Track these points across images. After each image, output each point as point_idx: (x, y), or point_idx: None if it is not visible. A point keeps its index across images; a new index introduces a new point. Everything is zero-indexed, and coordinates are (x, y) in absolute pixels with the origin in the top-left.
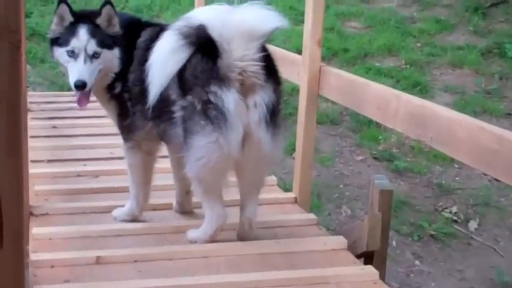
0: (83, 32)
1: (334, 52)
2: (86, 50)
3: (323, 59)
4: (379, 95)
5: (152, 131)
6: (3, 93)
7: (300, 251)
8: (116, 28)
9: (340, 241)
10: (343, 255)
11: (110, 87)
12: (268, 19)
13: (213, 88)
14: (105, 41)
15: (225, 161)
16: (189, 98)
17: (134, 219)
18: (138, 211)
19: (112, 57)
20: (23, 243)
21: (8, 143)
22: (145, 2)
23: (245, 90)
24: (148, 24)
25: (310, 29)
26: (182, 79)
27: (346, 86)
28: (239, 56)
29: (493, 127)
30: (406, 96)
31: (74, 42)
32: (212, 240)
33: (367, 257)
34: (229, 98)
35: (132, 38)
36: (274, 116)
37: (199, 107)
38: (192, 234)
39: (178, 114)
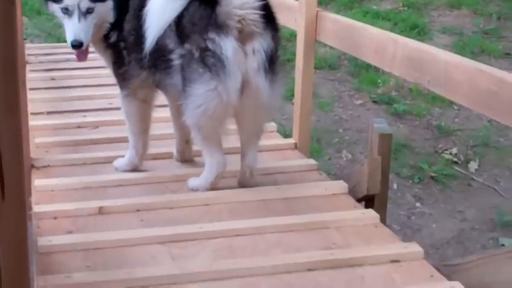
0: None
1: None
2: (79, 7)
3: (320, 3)
4: (376, 39)
5: (148, 79)
6: None
7: (301, 196)
8: None
9: (340, 186)
10: (344, 200)
11: (106, 37)
12: None
13: (211, 35)
14: None
15: (223, 108)
16: (187, 45)
17: (135, 169)
18: (138, 160)
19: (106, 9)
20: (24, 196)
21: (5, 98)
22: None
23: (243, 37)
24: None
25: None
26: (180, 27)
27: (343, 30)
28: (239, 3)
29: (492, 69)
30: (403, 39)
31: None
32: (213, 187)
33: (368, 201)
34: (228, 45)
35: None
36: (273, 63)
37: (197, 54)
38: (192, 182)
39: (176, 62)
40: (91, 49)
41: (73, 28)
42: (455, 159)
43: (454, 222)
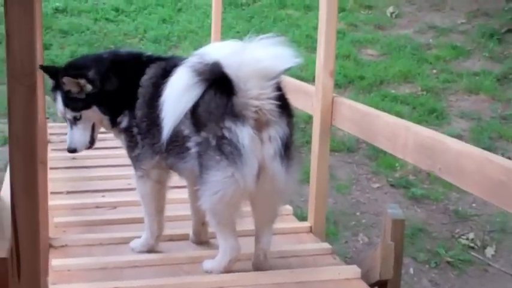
0: (59, 101)
1: (351, 79)
2: (67, 118)
3: (339, 86)
4: (390, 127)
5: (161, 162)
6: (19, 134)
7: (314, 280)
8: (88, 88)
9: (353, 270)
10: (356, 284)
11: (116, 124)
12: (284, 58)
13: (228, 124)
14: (79, 105)
15: (240, 195)
16: (203, 134)
17: (151, 250)
18: (153, 241)
19: (93, 113)
20: (39, 278)
21: (24, 180)
22: (163, 33)
23: (259, 125)
24: (151, 60)
25: (323, 60)
26: (195, 115)
27: (359, 117)
28: (255, 94)
29: (501, 159)
30: (415, 127)
31: (58, 110)
32: (227, 270)
33: (381, 286)
34: (244, 133)
35: (136, 76)
36: (288, 148)
37: (213, 142)
38: (207, 264)
39: (192, 149)
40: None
41: (68, 135)
42: (472, 245)
43: None
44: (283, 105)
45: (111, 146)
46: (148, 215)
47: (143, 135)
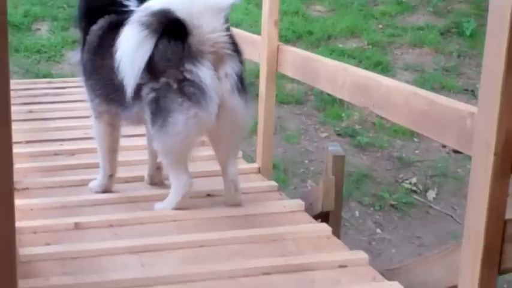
0: None
1: (299, 35)
2: None
3: (288, 41)
4: (329, 69)
5: (108, 109)
6: None
7: (261, 213)
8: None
9: (297, 203)
10: (301, 216)
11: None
12: None
13: (188, 66)
14: None
15: (200, 133)
16: (163, 79)
17: (106, 190)
18: (107, 180)
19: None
20: (12, 196)
21: None
22: None
23: (215, 62)
24: (108, 11)
25: (268, 10)
26: (151, 64)
27: (301, 62)
28: (210, 28)
29: (424, 91)
30: (352, 68)
31: None
32: (180, 207)
33: (323, 218)
34: (205, 73)
35: (90, 23)
36: (242, 83)
37: (175, 86)
38: (158, 206)
39: (148, 95)
40: (64, 84)
41: None
42: (414, 189)
43: (412, 247)
44: (234, 43)
45: (68, 99)
46: (101, 155)
47: (86, 78)
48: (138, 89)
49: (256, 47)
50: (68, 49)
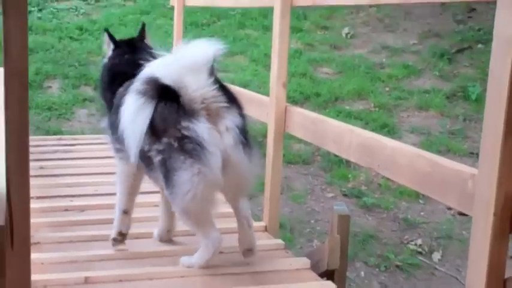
0: None
1: (307, 96)
2: None
3: (296, 102)
4: (336, 130)
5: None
6: (14, 118)
7: (268, 270)
8: (109, 53)
9: (303, 262)
10: (307, 274)
11: None
12: (206, 47)
13: (184, 123)
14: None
15: (210, 189)
16: (165, 140)
17: (119, 229)
18: (120, 214)
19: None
20: (29, 247)
21: (17, 162)
22: None
23: (213, 117)
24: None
25: (276, 72)
26: (153, 127)
27: (309, 123)
28: (195, 87)
29: (428, 153)
30: (358, 130)
31: None
32: (208, 264)
33: (329, 276)
34: (201, 128)
35: (117, 87)
36: (246, 136)
37: (176, 144)
38: (186, 260)
39: (156, 159)
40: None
41: None
42: (419, 250)
43: None
44: (230, 96)
45: (78, 156)
46: (119, 193)
47: (114, 132)
48: (148, 153)
49: (265, 107)
50: (78, 107)
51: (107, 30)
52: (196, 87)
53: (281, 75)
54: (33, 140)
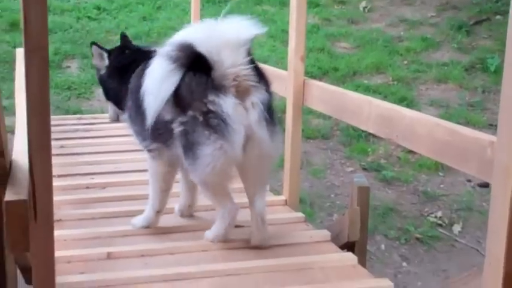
0: None
1: (325, 71)
2: None
3: (315, 77)
4: (354, 102)
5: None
6: (35, 100)
7: (289, 243)
8: (106, 62)
9: (324, 234)
10: (327, 246)
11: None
12: (247, 27)
13: (211, 97)
14: (99, 80)
15: (229, 164)
16: (190, 112)
17: (150, 224)
18: (154, 215)
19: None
20: (52, 220)
21: (38, 138)
22: (144, 30)
23: (241, 94)
24: (144, 60)
25: (294, 46)
26: (178, 98)
27: (327, 96)
28: (230, 63)
29: (446, 122)
30: (376, 101)
31: None
32: (228, 234)
33: (349, 247)
34: (227, 103)
35: (129, 77)
36: (271, 114)
37: (201, 118)
38: (209, 234)
39: (177, 130)
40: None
41: None
42: (440, 222)
43: (437, 281)
44: (259, 74)
45: (98, 135)
46: (152, 191)
47: (134, 124)
48: (171, 124)
49: (283, 81)
50: (97, 86)
51: (94, 43)
52: (232, 64)
53: (299, 49)
54: (54, 119)
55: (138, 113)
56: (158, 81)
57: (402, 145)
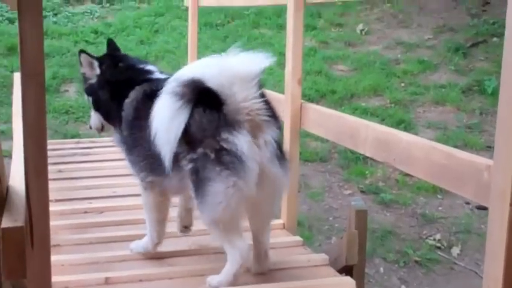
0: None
1: (323, 94)
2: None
3: (312, 100)
4: (351, 125)
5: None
6: (31, 124)
7: (287, 267)
8: (97, 71)
9: (322, 258)
10: (325, 270)
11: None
12: (257, 59)
13: (224, 135)
14: (87, 91)
15: (242, 202)
16: (200, 150)
17: (148, 254)
18: (152, 247)
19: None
20: (49, 247)
21: (36, 164)
22: (141, 53)
23: (253, 130)
24: (138, 82)
25: (291, 70)
26: (188, 135)
27: (324, 119)
28: (243, 97)
29: (443, 146)
30: (373, 125)
31: None
32: (237, 279)
33: (347, 272)
34: (242, 141)
35: (123, 96)
36: (281, 150)
37: (212, 156)
38: (215, 279)
39: (187, 167)
40: (91, 144)
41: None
42: (438, 245)
43: None
44: (270, 109)
45: (96, 159)
46: (149, 224)
47: (129, 153)
48: (177, 158)
49: (280, 105)
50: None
51: (82, 50)
52: (245, 97)
53: (296, 72)
54: (51, 143)
55: (136, 144)
56: (168, 119)
57: (399, 169)
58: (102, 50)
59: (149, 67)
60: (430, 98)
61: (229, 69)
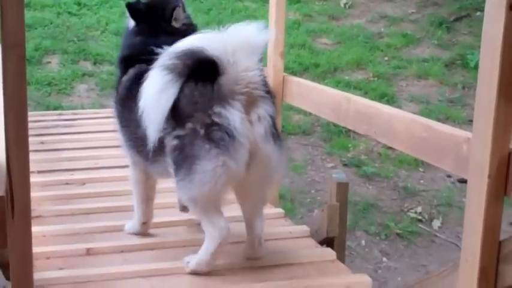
0: None
1: (306, 67)
2: None
3: (295, 73)
4: (333, 98)
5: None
6: (11, 96)
7: (268, 238)
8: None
9: (303, 229)
10: (306, 242)
11: None
12: (263, 30)
13: (217, 109)
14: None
15: (230, 182)
16: (189, 125)
17: (139, 234)
18: (139, 226)
19: None
20: (30, 218)
21: (15, 134)
22: (123, 26)
23: (247, 105)
24: (139, 60)
25: (273, 42)
26: (176, 110)
27: (306, 92)
28: (245, 66)
29: (423, 119)
30: (354, 97)
31: None
32: (217, 255)
33: (328, 243)
34: (235, 116)
35: (123, 72)
36: (276, 127)
37: (202, 132)
38: (192, 261)
39: (170, 143)
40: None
41: None
42: (419, 218)
43: (417, 275)
44: (267, 84)
45: (78, 131)
46: (135, 201)
47: (120, 129)
48: (161, 141)
49: None
50: (78, 82)
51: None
52: (247, 68)
53: (278, 45)
54: (34, 115)
55: (126, 124)
56: (156, 93)
57: (380, 141)
58: (85, 21)
59: None
60: (413, 72)
61: (234, 36)
